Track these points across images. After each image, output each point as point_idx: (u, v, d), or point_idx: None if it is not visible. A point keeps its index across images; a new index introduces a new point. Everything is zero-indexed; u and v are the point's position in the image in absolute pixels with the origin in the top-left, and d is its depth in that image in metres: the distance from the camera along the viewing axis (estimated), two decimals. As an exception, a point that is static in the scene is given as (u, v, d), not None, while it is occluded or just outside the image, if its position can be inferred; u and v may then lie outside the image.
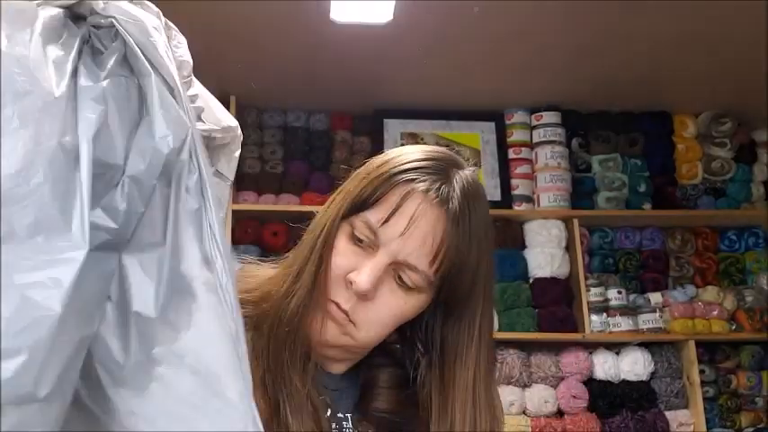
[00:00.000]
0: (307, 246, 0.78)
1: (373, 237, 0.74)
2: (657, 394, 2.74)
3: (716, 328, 2.83)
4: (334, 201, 0.80)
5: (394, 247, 0.73)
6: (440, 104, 3.06)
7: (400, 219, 0.73)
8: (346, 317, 0.75)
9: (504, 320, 2.76)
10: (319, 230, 0.77)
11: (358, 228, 0.75)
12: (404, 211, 0.73)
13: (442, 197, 0.74)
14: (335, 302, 0.75)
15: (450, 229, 0.74)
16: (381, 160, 0.79)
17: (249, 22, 2.43)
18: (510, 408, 2.66)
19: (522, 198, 2.96)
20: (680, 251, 3.00)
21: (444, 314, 0.79)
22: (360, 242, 0.75)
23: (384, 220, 0.73)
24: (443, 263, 0.74)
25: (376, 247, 0.74)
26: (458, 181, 0.76)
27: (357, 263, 0.74)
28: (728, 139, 3.11)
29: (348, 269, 0.74)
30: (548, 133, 3.02)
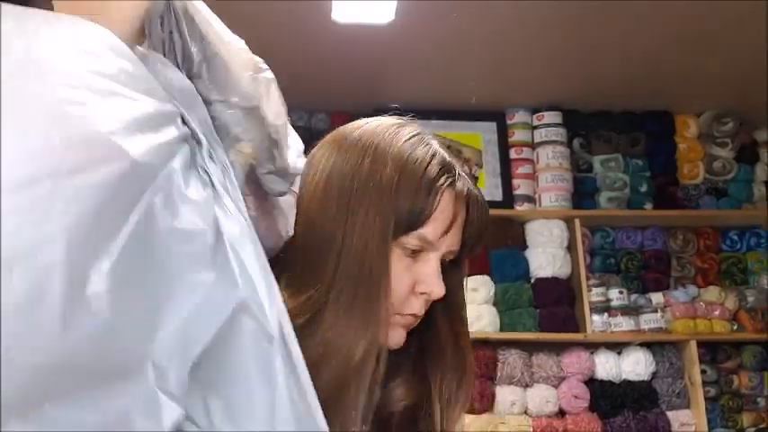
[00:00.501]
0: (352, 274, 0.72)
1: (427, 246, 0.76)
2: (659, 394, 2.74)
3: (717, 328, 2.83)
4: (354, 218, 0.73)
5: (443, 245, 0.77)
6: (441, 104, 3.05)
7: (455, 226, 0.77)
8: (416, 318, 0.79)
9: (506, 320, 2.76)
10: (361, 257, 0.72)
11: (411, 245, 0.75)
12: (459, 219, 0.77)
13: (473, 192, 0.80)
14: (412, 314, 0.77)
15: (483, 213, 0.81)
16: (400, 163, 0.75)
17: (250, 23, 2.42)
18: (511, 408, 2.67)
19: (523, 198, 2.96)
20: (681, 251, 3.00)
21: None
22: (409, 255, 0.76)
23: (444, 232, 0.75)
24: (473, 240, 0.81)
25: (426, 252, 0.76)
26: (457, 163, 0.80)
27: (416, 273, 0.76)
28: (730, 138, 3.11)
29: (412, 284, 0.76)
30: (549, 133, 3.01)
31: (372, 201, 0.73)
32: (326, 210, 0.75)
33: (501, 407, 2.67)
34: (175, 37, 0.60)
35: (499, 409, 2.67)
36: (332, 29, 2.42)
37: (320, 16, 2.35)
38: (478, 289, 2.77)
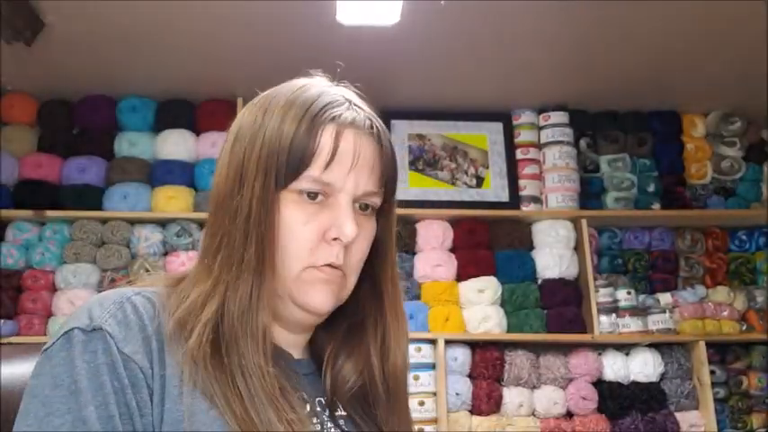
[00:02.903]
0: (240, 229, 0.72)
1: (325, 186, 0.73)
2: (667, 395, 2.73)
3: (726, 328, 2.82)
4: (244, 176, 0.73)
5: (349, 185, 0.73)
6: (447, 105, 3.05)
7: (343, 156, 0.73)
8: (342, 273, 0.75)
9: (513, 321, 2.76)
10: (247, 211, 0.71)
11: (305, 188, 0.72)
12: (344, 149, 0.73)
13: (366, 123, 0.75)
14: (329, 264, 0.74)
15: (384, 148, 0.77)
16: (285, 109, 0.74)
17: (255, 24, 2.44)
18: (519, 409, 2.66)
19: (530, 199, 2.96)
20: (689, 251, 2.98)
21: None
22: (314, 198, 0.73)
23: (327, 164, 0.72)
24: (387, 179, 0.78)
25: (333, 193, 0.73)
26: (358, 99, 0.78)
27: (324, 220, 0.73)
28: (738, 138, 3.09)
29: (320, 231, 0.73)
30: (555, 133, 3.01)
31: (257, 155, 0.73)
32: (227, 179, 0.75)
33: (508, 408, 2.66)
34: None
35: (506, 411, 2.67)
36: (337, 31, 2.42)
37: (325, 18, 2.35)
38: (485, 290, 2.76)
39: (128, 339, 0.67)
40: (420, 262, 2.82)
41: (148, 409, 0.66)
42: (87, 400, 0.64)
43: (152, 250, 2.73)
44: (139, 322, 0.69)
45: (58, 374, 0.66)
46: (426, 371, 2.67)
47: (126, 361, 0.66)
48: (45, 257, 2.70)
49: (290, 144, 0.72)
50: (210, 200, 0.78)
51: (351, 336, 0.81)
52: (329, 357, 0.80)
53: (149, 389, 0.67)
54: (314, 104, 0.74)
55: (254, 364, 0.69)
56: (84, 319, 0.68)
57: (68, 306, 2.63)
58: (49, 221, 2.77)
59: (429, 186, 2.97)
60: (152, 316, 0.70)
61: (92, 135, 2.92)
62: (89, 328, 0.67)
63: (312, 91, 0.76)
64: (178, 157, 2.88)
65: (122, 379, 0.66)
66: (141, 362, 0.67)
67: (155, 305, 0.72)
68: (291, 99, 0.75)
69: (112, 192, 2.79)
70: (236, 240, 0.71)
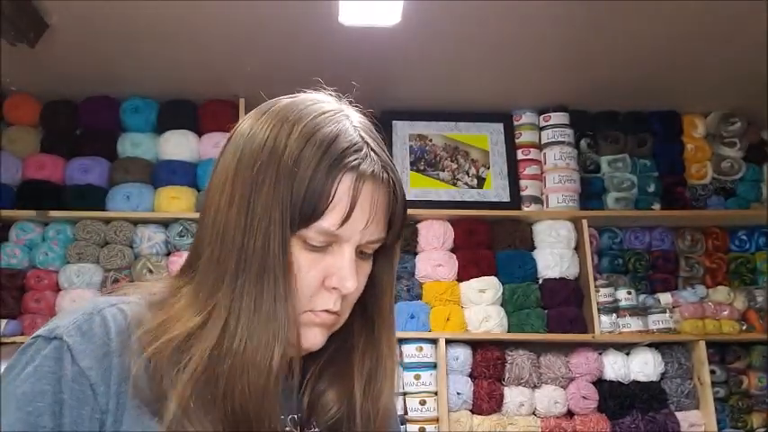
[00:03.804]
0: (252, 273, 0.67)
1: (333, 238, 0.70)
2: (668, 395, 2.73)
3: (726, 328, 2.82)
4: (254, 211, 0.68)
5: (357, 237, 0.71)
6: (448, 106, 3.06)
7: (359, 212, 0.69)
8: (336, 315, 0.74)
9: (514, 321, 2.76)
10: (261, 254, 0.67)
11: (313, 239, 0.69)
12: (361, 204, 0.70)
13: (381, 173, 0.72)
14: (326, 310, 0.72)
15: (397, 198, 0.74)
16: (302, 144, 0.69)
17: (257, 25, 2.45)
18: (520, 408, 2.67)
19: (530, 199, 2.96)
20: (690, 251, 2.99)
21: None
22: (317, 248, 0.70)
23: (343, 220, 0.69)
24: (397, 227, 0.75)
25: (338, 241, 0.71)
26: (374, 142, 0.75)
27: (326, 267, 0.71)
28: (738, 138, 3.10)
29: (321, 278, 0.71)
30: (556, 134, 3.02)
31: (270, 191, 0.68)
32: (231, 205, 0.70)
33: (509, 407, 2.67)
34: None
35: (507, 410, 2.68)
36: (338, 31, 2.44)
37: (327, 19, 2.36)
38: (486, 290, 2.77)
39: (86, 353, 0.65)
40: (421, 262, 2.83)
41: (93, 424, 0.65)
42: (18, 405, 0.64)
43: (155, 250, 2.75)
44: (104, 337, 0.67)
45: (4, 375, 0.66)
46: (427, 370, 2.68)
47: (77, 374, 0.65)
48: (48, 257, 2.72)
49: (305, 189, 0.67)
50: (208, 218, 0.72)
51: (336, 361, 0.79)
52: (310, 378, 0.79)
53: (97, 406, 0.65)
54: (332, 147, 0.69)
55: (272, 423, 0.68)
56: (50, 326, 0.67)
57: (72, 306, 2.64)
58: (52, 221, 2.78)
59: (430, 187, 2.98)
60: (121, 330, 0.68)
61: (95, 136, 2.93)
62: (50, 336, 0.66)
63: (330, 128, 0.71)
64: (181, 158, 2.89)
65: (66, 391, 0.64)
66: (94, 378, 0.65)
67: (127, 318, 0.69)
68: (308, 132, 0.70)
69: (115, 192, 2.81)
70: (247, 283, 0.68)
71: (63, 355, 0.65)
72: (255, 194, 0.68)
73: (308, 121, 0.71)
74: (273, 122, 0.72)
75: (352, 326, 0.79)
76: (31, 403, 0.64)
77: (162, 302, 0.72)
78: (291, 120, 0.72)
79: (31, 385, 0.64)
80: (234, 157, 0.72)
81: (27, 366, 0.65)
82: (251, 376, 0.66)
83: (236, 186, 0.70)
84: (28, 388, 0.64)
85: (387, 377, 0.79)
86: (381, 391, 0.78)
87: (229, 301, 0.68)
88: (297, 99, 0.77)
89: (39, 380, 0.64)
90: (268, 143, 0.70)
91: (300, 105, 0.75)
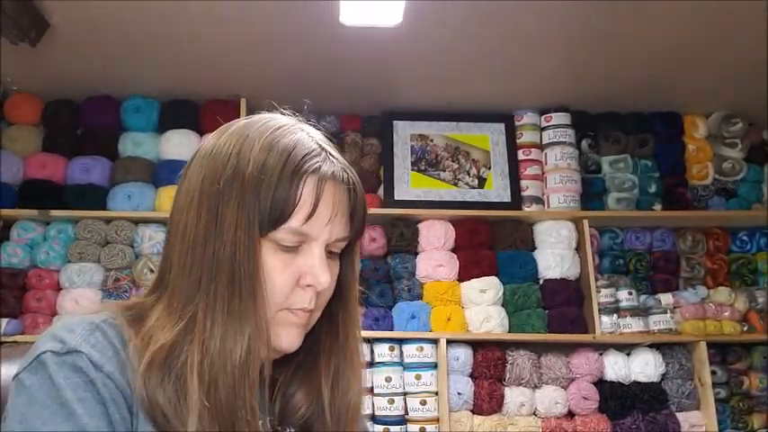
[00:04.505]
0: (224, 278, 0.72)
1: (302, 237, 0.75)
2: (668, 395, 2.73)
3: (727, 329, 2.82)
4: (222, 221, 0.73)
5: (325, 235, 0.76)
6: (449, 106, 3.06)
7: (323, 209, 0.75)
8: (309, 314, 0.78)
9: (515, 321, 2.76)
10: (231, 261, 0.72)
11: (283, 239, 0.74)
12: (325, 202, 0.75)
13: (341, 174, 0.77)
14: (301, 309, 0.76)
15: (357, 196, 0.79)
16: (263, 156, 0.74)
17: (259, 26, 2.45)
18: (520, 409, 2.67)
19: (531, 199, 2.96)
20: (691, 252, 2.99)
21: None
22: (288, 249, 0.75)
23: (308, 217, 0.74)
24: (356, 225, 0.80)
25: (307, 242, 0.76)
26: (331, 147, 0.80)
27: (298, 266, 0.75)
28: (739, 139, 3.10)
29: (295, 277, 0.75)
30: (557, 134, 3.02)
31: (237, 201, 0.73)
32: (199, 219, 0.74)
33: (510, 408, 2.67)
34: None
35: (508, 410, 2.68)
36: (340, 31, 2.44)
37: (328, 19, 2.36)
38: (487, 290, 2.77)
39: (104, 360, 0.68)
40: (422, 262, 2.83)
41: (128, 424, 0.67)
42: (72, 411, 0.64)
43: (156, 250, 2.75)
44: (112, 346, 0.70)
45: (33, 393, 0.65)
46: (428, 370, 2.68)
47: (104, 379, 0.67)
48: (50, 257, 2.72)
49: (272, 194, 0.72)
50: (176, 235, 0.76)
51: (304, 365, 0.83)
52: (281, 384, 0.82)
53: (129, 407, 0.68)
54: (293, 154, 0.74)
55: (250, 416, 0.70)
56: (56, 343, 0.68)
57: (73, 305, 2.65)
58: (53, 221, 2.78)
59: (431, 187, 2.98)
60: (123, 342, 0.71)
61: (96, 135, 2.93)
62: (63, 351, 0.67)
63: (289, 138, 0.76)
64: (182, 158, 2.89)
65: (103, 394, 0.66)
66: (119, 380, 0.68)
67: (121, 332, 0.72)
68: (268, 144, 0.75)
69: (116, 191, 2.81)
70: (219, 288, 0.72)
71: (86, 364, 0.67)
72: (223, 206, 0.73)
73: (268, 134, 0.76)
74: (234, 140, 0.77)
75: (318, 330, 0.82)
76: (80, 407, 0.65)
77: (138, 318, 0.75)
78: (252, 135, 0.77)
79: (71, 394, 0.65)
80: (199, 176, 0.77)
81: (53, 378, 0.66)
82: (228, 374, 0.69)
83: (203, 201, 0.75)
84: (69, 395, 0.65)
85: (354, 373, 0.83)
86: (349, 386, 0.82)
87: (205, 306, 0.72)
88: (253, 118, 0.81)
89: (75, 390, 0.65)
90: (232, 158, 0.75)
91: (258, 123, 0.79)
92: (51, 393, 0.65)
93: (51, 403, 0.64)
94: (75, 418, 0.64)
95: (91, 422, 0.64)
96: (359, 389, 0.83)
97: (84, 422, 0.64)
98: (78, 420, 0.64)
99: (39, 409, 0.64)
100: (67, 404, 0.64)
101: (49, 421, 0.63)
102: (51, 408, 0.64)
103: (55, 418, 0.64)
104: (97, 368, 0.67)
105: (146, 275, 2.69)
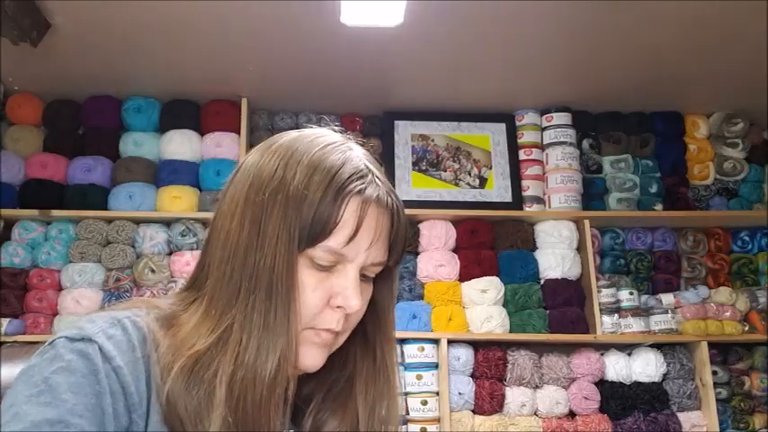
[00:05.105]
0: (262, 290, 0.71)
1: (339, 257, 0.74)
2: (670, 396, 2.73)
3: (728, 329, 2.82)
4: (264, 232, 0.72)
5: (362, 258, 0.75)
6: (450, 106, 3.06)
7: (364, 233, 0.74)
8: (336, 335, 0.76)
9: (516, 321, 2.76)
10: (270, 273, 0.71)
11: (320, 258, 0.73)
12: (367, 225, 0.74)
13: (386, 198, 0.76)
14: (327, 329, 0.75)
15: (399, 222, 0.78)
16: (309, 172, 0.74)
17: (260, 26, 2.45)
18: (521, 409, 2.67)
19: (532, 199, 2.96)
20: (692, 252, 2.99)
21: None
22: (323, 267, 0.74)
23: (349, 239, 0.73)
24: (398, 251, 0.79)
25: (342, 263, 0.74)
26: (377, 170, 0.79)
27: (332, 286, 0.74)
28: (741, 139, 3.10)
29: (326, 297, 0.74)
30: (558, 134, 3.02)
31: (280, 213, 0.72)
32: (242, 228, 0.74)
33: (511, 408, 2.67)
34: None
35: (509, 410, 2.68)
36: (341, 32, 2.44)
37: (329, 19, 2.37)
38: (488, 290, 2.77)
39: (116, 354, 0.67)
40: (423, 262, 2.83)
41: (125, 420, 0.66)
42: (56, 396, 0.64)
43: (157, 249, 2.75)
44: (130, 343, 0.69)
45: (31, 373, 0.66)
46: (429, 370, 2.68)
47: (110, 371, 0.66)
48: (51, 257, 2.72)
49: (314, 212, 0.72)
50: (217, 241, 0.76)
51: (338, 389, 0.82)
52: (314, 406, 0.81)
53: (127, 404, 0.67)
54: (339, 173, 0.73)
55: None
56: (73, 330, 0.68)
57: (74, 305, 2.65)
58: (54, 221, 2.78)
59: (432, 187, 2.98)
60: (141, 341, 0.70)
61: (97, 135, 2.94)
62: (77, 337, 0.67)
63: (336, 156, 0.75)
64: (183, 158, 2.90)
65: (103, 385, 0.66)
66: (125, 377, 0.67)
67: (142, 330, 0.71)
68: (315, 160, 0.74)
69: (118, 191, 2.81)
70: (256, 300, 0.71)
71: (94, 353, 0.67)
72: (266, 217, 0.73)
73: (316, 150, 0.76)
74: (282, 153, 0.77)
75: (353, 353, 0.82)
76: (68, 392, 0.64)
77: (171, 318, 0.75)
78: (300, 151, 0.76)
79: (64, 378, 0.65)
80: (244, 185, 0.76)
81: (55, 363, 0.66)
82: (257, 387, 0.69)
83: (247, 211, 0.74)
84: (62, 381, 0.64)
85: (392, 401, 0.82)
86: (389, 417, 0.81)
87: (242, 318, 0.71)
88: (303, 133, 0.81)
89: (72, 373, 0.65)
90: (278, 172, 0.74)
91: (307, 139, 0.79)
92: (46, 374, 0.65)
93: (42, 384, 0.64)
94: (59, 404, 0.63)
95: (75, 409, 0.63)
96: (396, 418, 0.82)
97: (67, 409, 0.63)
98: (62, 407, 0.63)
99: (28, 388, 0.64)
100: (58, 387, 0.64)
101: (33, 401, 0.63)
102: (40, 387, 0.64)
103: (40, 399, 0.63)
104: (105, 359, 0.66)
105: (147, 275, 2.70)
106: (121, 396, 0.67)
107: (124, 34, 2.50)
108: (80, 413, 0.63)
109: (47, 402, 0.63)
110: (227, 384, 0.69)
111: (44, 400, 0.63)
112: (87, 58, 2.66)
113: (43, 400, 0.63)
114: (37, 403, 0.63)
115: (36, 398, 0.63)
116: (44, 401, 0.63)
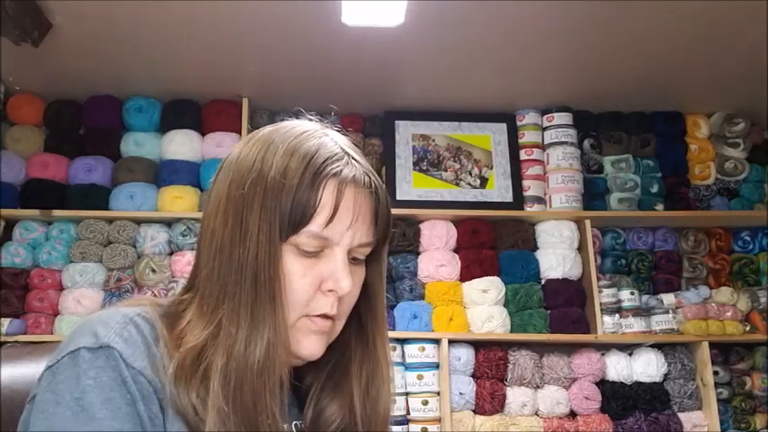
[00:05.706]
0: (247, 283, 0.72)
1: (323, 241, 0.75)
2: (671, 396, 2.73)
3: (729, 329, 2.82)
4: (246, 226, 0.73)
5: (347, 240, 0.76)
6: (451, 106, 3.06)
7: (343, 213, 0.75)
8: (332, 321, 0.77)
9: (516, 321, 2.76)
10: (254, 265, 0.72)
11: (304, 244, 0.74)
12: (345, 206, 0.75)
13: (363, 178, 0.77)
14: (323, 315, 0.76)
15: (380, 201, 0.79)
16: (285, 160, 0.75)
17: (261, 26, 2.45)
18: (522, 409, 2.67)
19: (533, 199, 2.96)
20: (693, 252, 2.99)
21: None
22: (310, 253, 0.75)
23: (328, 221, 0.74)
24: (381, 229, 0.80)
25: (329, 247, 0.75)
26: (354, 152, 0.80)
27: (320, 272, 0.75)
28: (742, 139, 3.10)
29: (317, 282, 0.75)
30: (559, 134, 3.01)
31: (260, 205, 0.73)
32: (225, 224, 0.75)
33: (512, 408, 2.67)
34: None
35: (510, 410, 2.68)
36: (342, 32, 2.44)
37: (330, 19, 2.37)
38: (489, 290, 2.77)
39: (136, 356, 0.68)
40: (424, 262, 2.83)
41: (160, 421, 0.68)
42: (93, 415, 0.65)
43: (158, 250, 2.75)
44: (144, 341, 0.70)
45: (60, 392, 0.66)
46: (430, 370, 2.68)
47: (136, 375, 0.67)
48: (52, 256, 2.72)
49: (292, 198, 0.73)
50: (205, 240, 0.77)
51: (336, 375, 0.83)
52: (313, 394, 0.82)
53: (160, 402, 0.68)
54: (315, 158, 0.75)
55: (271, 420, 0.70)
56: (90, 338, 0.69)
57: (75, 305, 2.65)
58: (55, 221, 2.79)
59: (433, 187, 2.98)
60: (156, 337, 0.72)
61: (98, 135, 2.94)
62: (96, 346, 0.68)
63: (312, 142, 0.77)
64: (184, 158, 2.90)
65: (133, 392, 0.67)
66: (151, 376, 0.68)
67: (155, 327, 0.73)
68: (291, 148, 0.76)
69: (119, 191, 2.81)
70: (242, 293, 0.72)
71: (117, 361, 0.67)
72: (247, 210, 0.74)
73: (291, 139, 0.77)
74: (259, 146, 0.78)
75: (348, 338, 0.83)
76: (102, 410, 0.65)
77: (171, 315, 0.76)
78: (276, 141, 0.78)
79: (95, 395, 0.65)
80: (225, 182, 0.78)
81: (80, 378, 0.66)
82: (248, 376, 0.70)
83: (229, 207, 0.75)
84: (93, 398, 0.65)
85: (384, 382, 0.83)
86: (379, 396, 0.82)
87: (230, 311, 0.72)
88: (279, 125, 0.82)
89: (101, 388, 0.66)
90: (256, 164, 0.76)
91: (283, 129, 0.80)
92: (76, 395, 0.65)
93: (75, 405, 0.65)
94: (96, 421, 0.64)
95: (114, 424, 0.65)
96: (388, 397, 0.83)
97: (106, 425, 0.64)
98: (100, 424, 0.64)
99: (63, 410, 0.65)
100: (91, 407, 0.65)
101: (70, 424, 0.64)
102: (74, 409, 0.65)
103: (77, 422, 0.64)
104: (128, 365, 0.67)
105: (148, 275, 2.70)
106: (153, 396, 0.68)
107: (125, 34, 2.51)
108: (119, 427, 0.65)
109: (85, 423, 0.64)
110: (221, 376, 0.70)
111: (82, 423, 0.64)
112: (88, 58, 2.66)
113: (81, 422, 0.64)
114: (74, 425, 0.64)
115: (73, 421, 0.64)
116: (82, 423, 0.64)
